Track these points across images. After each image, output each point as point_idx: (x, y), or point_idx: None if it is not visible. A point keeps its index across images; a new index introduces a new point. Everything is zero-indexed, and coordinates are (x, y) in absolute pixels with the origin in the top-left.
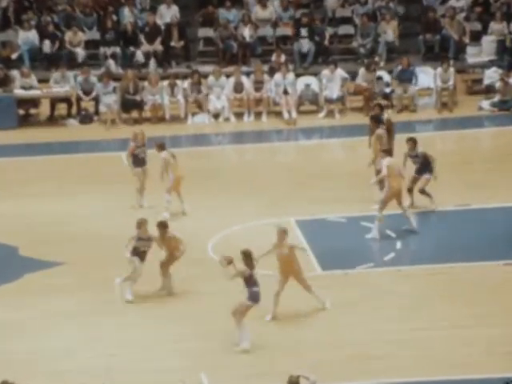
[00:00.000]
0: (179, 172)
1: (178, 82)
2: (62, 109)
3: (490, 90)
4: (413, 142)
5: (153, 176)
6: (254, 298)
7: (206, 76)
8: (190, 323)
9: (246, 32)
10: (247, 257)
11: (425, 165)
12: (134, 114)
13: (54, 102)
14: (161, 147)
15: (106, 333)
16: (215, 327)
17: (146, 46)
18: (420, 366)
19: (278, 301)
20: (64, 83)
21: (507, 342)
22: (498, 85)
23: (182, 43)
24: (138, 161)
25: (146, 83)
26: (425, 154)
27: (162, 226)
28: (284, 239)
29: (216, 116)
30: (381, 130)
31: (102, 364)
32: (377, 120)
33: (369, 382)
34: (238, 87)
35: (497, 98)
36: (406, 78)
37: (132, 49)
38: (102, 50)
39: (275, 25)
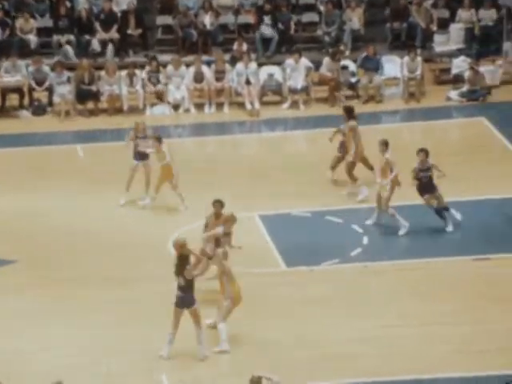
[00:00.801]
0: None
1: (137, 71)
2: (13, 99)
3: (458, 80)
4: (425, 153)
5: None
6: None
7: (164, 65)
8: (149, 324)
9: (207, 19)
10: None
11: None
12: (90, 104)
13: (5, 92)
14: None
15: (56, 333)
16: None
17: (101, 34)
18: (390, 364)
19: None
20: (15, 72)
21: (479, 339)
22: (466, 74)
23: (139, 31)
24: (137, 154)
25: (102, 73)
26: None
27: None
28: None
29: (176, 107)
30: (353, 122)
31: (53, 365)
32: (349, 111)
33: (338, 382)
34: (199, 77)
35: (465, 87)
36: (371, 67)
37: (87, 37)
38: (55, 38)
39: (237, 12)
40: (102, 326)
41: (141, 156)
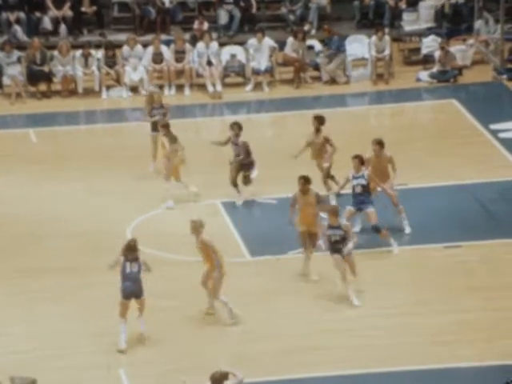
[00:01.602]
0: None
1: (92, 51)
2: None
3: (428, 60)
4: (359, 159)
5: None
6: None
7: (120, 45)
8: (108, 316)
9: None
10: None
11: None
12: (42, 86)
13: None
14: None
15: (15, 327)
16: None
17: (53, 12)
18: (360, 357)
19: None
20: None
21: (451, 330)
22: (436, 54)
23: (94, 8)
24: (154, 125)
25: (55, 53)
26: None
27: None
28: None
29: (133, 89)
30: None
31: (10, 359)
32: (321, 121)
33: (305, 376)
34: (157, 58)
35: (436, 68)
36: (331, 47)
37: (38, 14)
38: (3, 15)
39: None
40: (62, 316)
41: (157, 127)
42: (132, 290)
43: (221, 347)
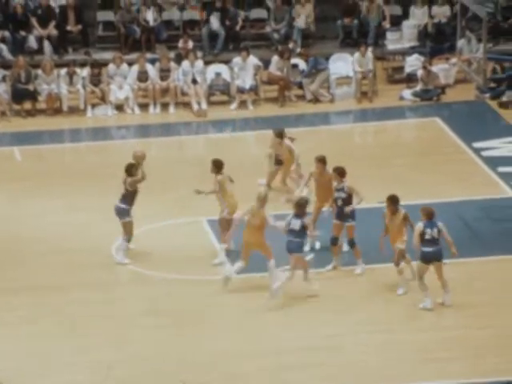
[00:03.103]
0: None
1: (77, 70)
2: None
3: (411, 79)
4: (339, 172)
5: None
6: None
7: (106, 64)
8: (92, 334)
9: (150, 15)
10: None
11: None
12: (27, 105)
13: None
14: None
15: None
16: (127, 336)
17: (38, 31)
18: (347, 374)
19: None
20: None
21: (435, 347)
22: (419, 73)
23: (79, 27)
24: None
25: (39, 71)
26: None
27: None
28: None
29: (118, 107)
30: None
31: None
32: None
33: None
34: (142, 76)
35: (419, 87)
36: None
37: (23, 33)
38: None
39: (182, 7)
40: (44, 334)
41: None
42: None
43: (209, 365)
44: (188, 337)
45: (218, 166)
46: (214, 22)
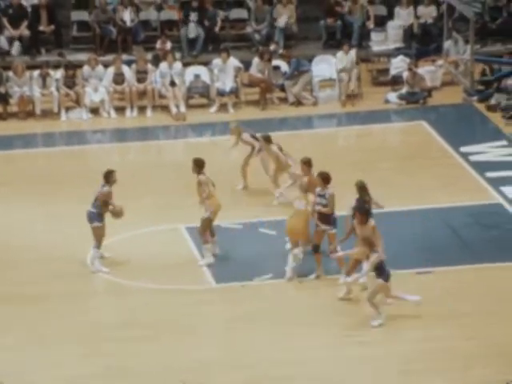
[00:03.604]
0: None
1: (51, 72)
2: None
3: (396, 81)
4: (323, 178)
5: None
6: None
7: (80, 65)
8: (70, 346)
9: (127, 15)
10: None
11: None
12: None
13: None
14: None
15: None
16: (103, 348)
17: (10, 31)
18: None
19: None
20: None
21: (420, 359)
22: (405, 75)
23: (52, 27)
24: None
25: (10, 73)
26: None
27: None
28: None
29: (94, 111)
30: (275, 147)
31: None
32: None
33: None
34: (119, 78)
35: (404, 89)
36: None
37: None
38: None
39: (160, 7)
40: (10, 349)
41: None
42: None
43: (188, 377)
44: (166, 349)
45: (199, 165)
46: (192, 30)
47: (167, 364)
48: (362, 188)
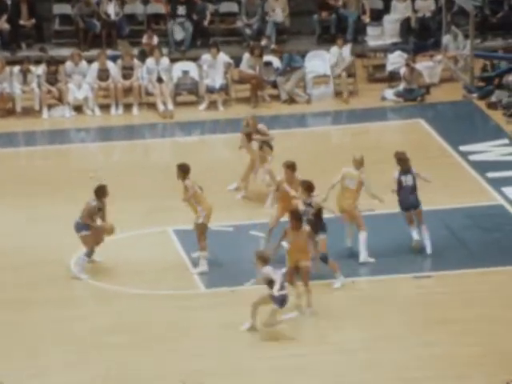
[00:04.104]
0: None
1: (32, 67)
2: None
3: (393, 78)
4: (306, 187)
5: None
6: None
7: (63, 61)
8: (55, 354)
9: (111, 8)
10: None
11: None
12: None
13: None
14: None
15: None
16: (89, 356)
17: None
18: None
19: None
20: None
21: (417, 365)
22: (402, 71)
23: (33, 21)
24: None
25: None
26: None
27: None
28: None
29: (77, 108)
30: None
31: None
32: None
33: None
34: (103, 74)
35: (402, 86)
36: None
37: None
38: None
39: (146, 1)
40: None
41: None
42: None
43: None
44: (155, 356)
45: (183, 170)
46: (181, 17)
47: (156, 372)
48: (401, 159)
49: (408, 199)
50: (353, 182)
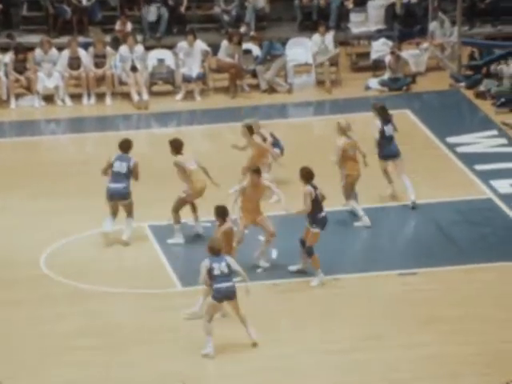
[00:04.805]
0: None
1: None
2: None
3: (378, 66)
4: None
5: None
6: None
7: (32, 48)
8: (23, 357)
9: None
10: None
11: None
12: None
13: None
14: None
15: None
16: (60, 360)
17: None
18: None
19: None
20: None
21: (406, 366)
22: (387, 59)
23: (0, 7)
24: None
25: None
26: None
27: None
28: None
29: (47, 98)
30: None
31: None
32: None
33: None
34: (74, 62)
35: (387, 75)
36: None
37: None
38: None
39: None
40: None
41: None
42: None
43: None
44: (128, 359)
45: (173, 146)
46: (156, 3)
47: (130, 375)
48: (382, 109)
49: (390, 148)
50: (353, 150)
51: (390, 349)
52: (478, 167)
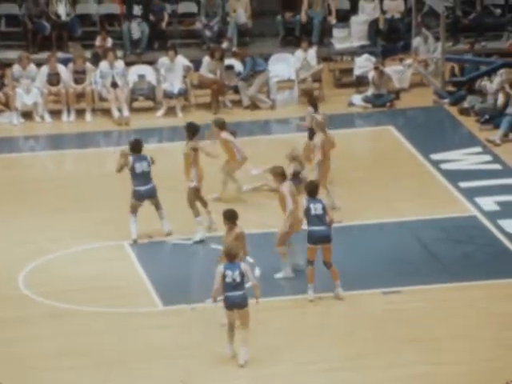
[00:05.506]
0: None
1: None
2: None
3: (361, 82)
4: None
5: None
6: None
7: (10, 64)
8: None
9: (62, 9)
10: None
11: None
12: None
13: None
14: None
15: None
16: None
17: None
18: None
19: None
20: None
21: None
22: (370, 75)
23: None
24: None
25: None
26: None
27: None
28: None
29: (26, 115)
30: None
31: None
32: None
33: None
34: (53, 78)
35: (370, 91)
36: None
37: None
38: None
39: (100, 0)
40: None
41: None
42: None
43: None
44: (110, 380)
45: (188, 130)
46: (137, 18)
47: None
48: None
49: None
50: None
51: (375, 368)
52: (463, 184)
